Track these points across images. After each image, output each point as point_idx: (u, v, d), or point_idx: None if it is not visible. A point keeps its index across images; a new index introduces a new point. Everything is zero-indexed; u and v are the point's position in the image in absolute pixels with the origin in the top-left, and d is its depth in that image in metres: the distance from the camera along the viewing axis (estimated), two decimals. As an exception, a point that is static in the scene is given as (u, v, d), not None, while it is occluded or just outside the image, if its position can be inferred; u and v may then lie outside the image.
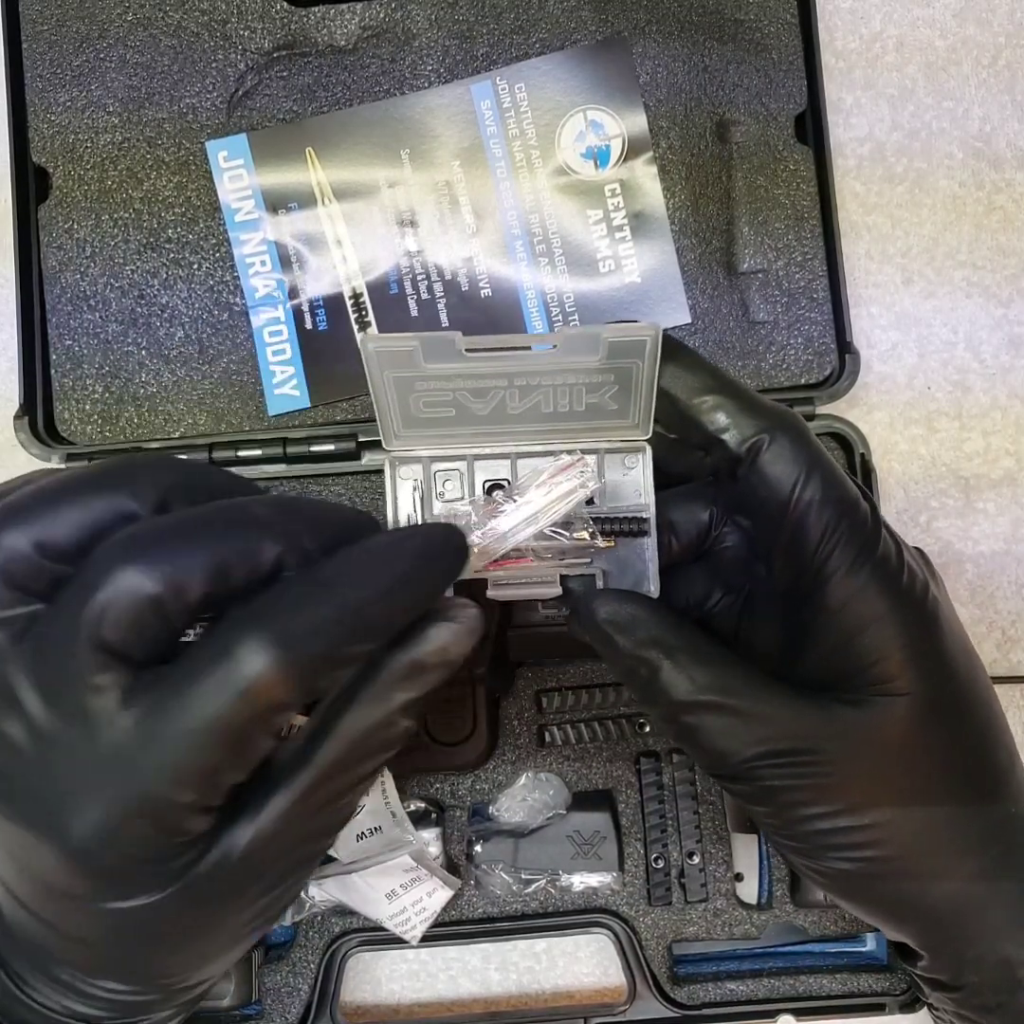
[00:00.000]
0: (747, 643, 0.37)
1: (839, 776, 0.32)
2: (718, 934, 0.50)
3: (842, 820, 0.33)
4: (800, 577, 0.33)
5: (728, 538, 0.37)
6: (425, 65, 0.52)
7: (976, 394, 0.56)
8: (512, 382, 0.33)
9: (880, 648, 0.32)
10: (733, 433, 0.33)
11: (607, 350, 0.32)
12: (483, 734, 0.49)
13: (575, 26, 0.52)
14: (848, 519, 0.33)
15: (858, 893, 0.35)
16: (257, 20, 0.52)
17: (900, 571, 0.33)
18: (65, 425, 0.52)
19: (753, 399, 0.34)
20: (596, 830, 0.50)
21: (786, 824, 0.34)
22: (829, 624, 0.33)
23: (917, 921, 0.35)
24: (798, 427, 0.34)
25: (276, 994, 0.49)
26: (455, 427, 0.34)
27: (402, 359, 0.32)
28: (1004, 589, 0.55)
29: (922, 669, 0.33)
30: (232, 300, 0.52)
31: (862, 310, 0.55)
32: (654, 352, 0.32)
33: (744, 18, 0.52)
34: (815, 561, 0.33)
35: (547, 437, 0.35)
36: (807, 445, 0.33)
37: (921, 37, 0.56)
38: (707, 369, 0.34)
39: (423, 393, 0.33)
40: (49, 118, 0.52)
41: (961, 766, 0.34)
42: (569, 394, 0.34)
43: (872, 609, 0.32)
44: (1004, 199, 0.56)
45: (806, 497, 0.32)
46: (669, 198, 0.53)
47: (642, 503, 0.35)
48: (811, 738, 0.32)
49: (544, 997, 0.53)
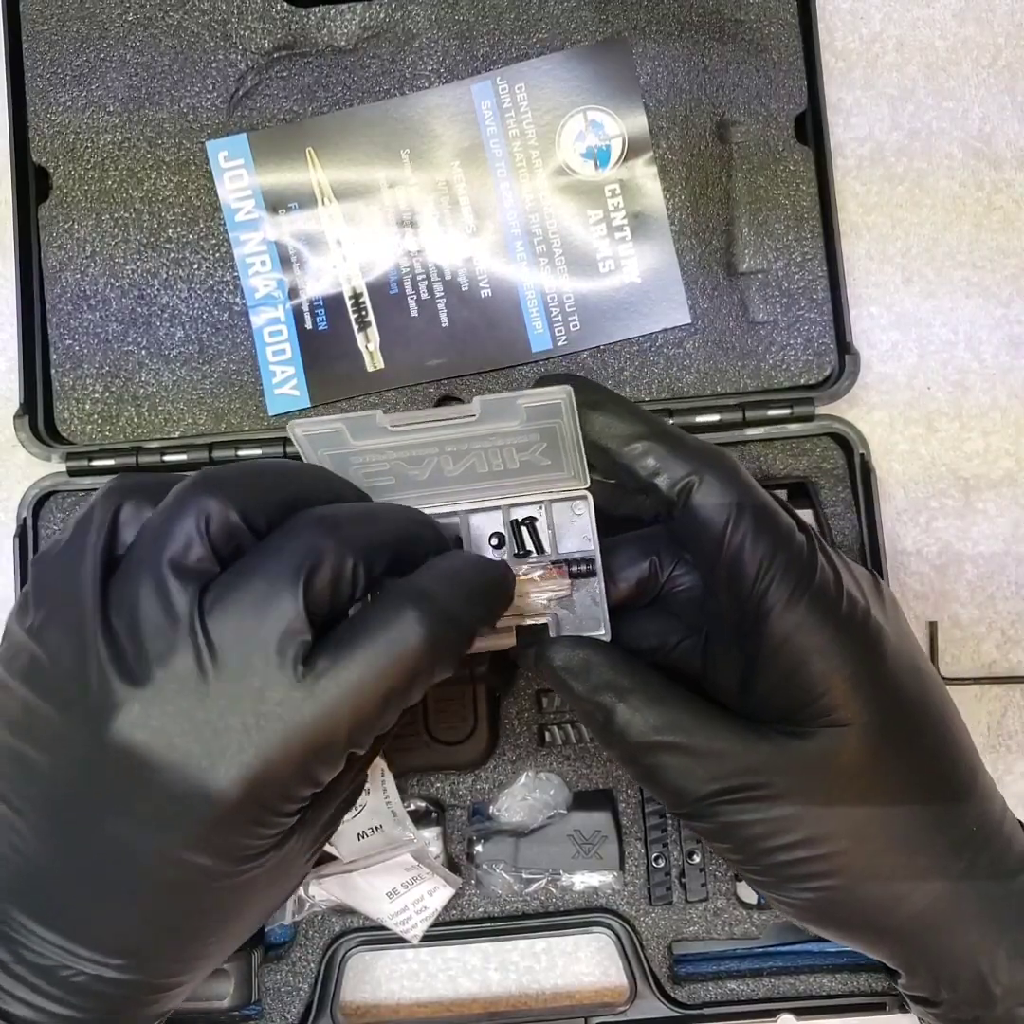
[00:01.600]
0: (712, 681, 0.37)
1: (791, 808, 0.33)
2: (718, 933, 0.50)
3: (800, 851, 0.33)
4: (742, 612, 0.34)
5: (682, 580, 0.38)
6: (425, 65, 0.52)
7: (976, 394, 0.56)
8: (443, 449, 0.34)
9: (823, 680, 0.33)
10: (664, 477, 0.34)
11: (525, 414, 0.33)
12: (483, 733, 0.49)
13: (575, 26, 0.52)
14: (783, 552, 0.33)
15: (826, 920, 0.36)
16: (257, 20, 0.52)
17: (839, 600, 0.33)
18: (65, 424, 0.52)
19: (681, 440, 0.35)
20: (597, 830, 0.50)
21: (748, 859, 0.34)
22: (773, 658, 0.33)
23: (887, 941, 0.36)
24: (726, 465, 0.34)
25: (276, 994, 0.49)
26: (397, 493, 0.35)
27: (331, 439, 0.33)
28: (1004, 589, 0.55)
29: (866, 697, 0.33)
30: (232, 300, 0.52)
31: (862, 310, 0.55)
32: (570, 411, 0.33)
33: (744, 18, 0.52)
34: (753, 597, 0.33)
35: (491, 494, 0.36)
36: (736, 483, 0.34)
37: (921, 37, 0.57)
38: (634, 415, 0.35)
39: (360, 466, 0.34)
40: (49, 118, 0.52)
41: (915, 787, 0.34)
42: (501, 454, 0.34)
43: (812, 641, 0.33)
44: (1004, 199, 0.56)
45: (738, 534, 0.33)
46: (669, 198, 0.53)
47: (589, 548, 0.36)
48: (763, 772, 0.33)
49: (544, 997, 0.53)
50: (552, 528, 0.37)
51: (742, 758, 0.33)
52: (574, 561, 0.36)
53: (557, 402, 0.32)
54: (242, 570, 0.29)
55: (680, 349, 0.53)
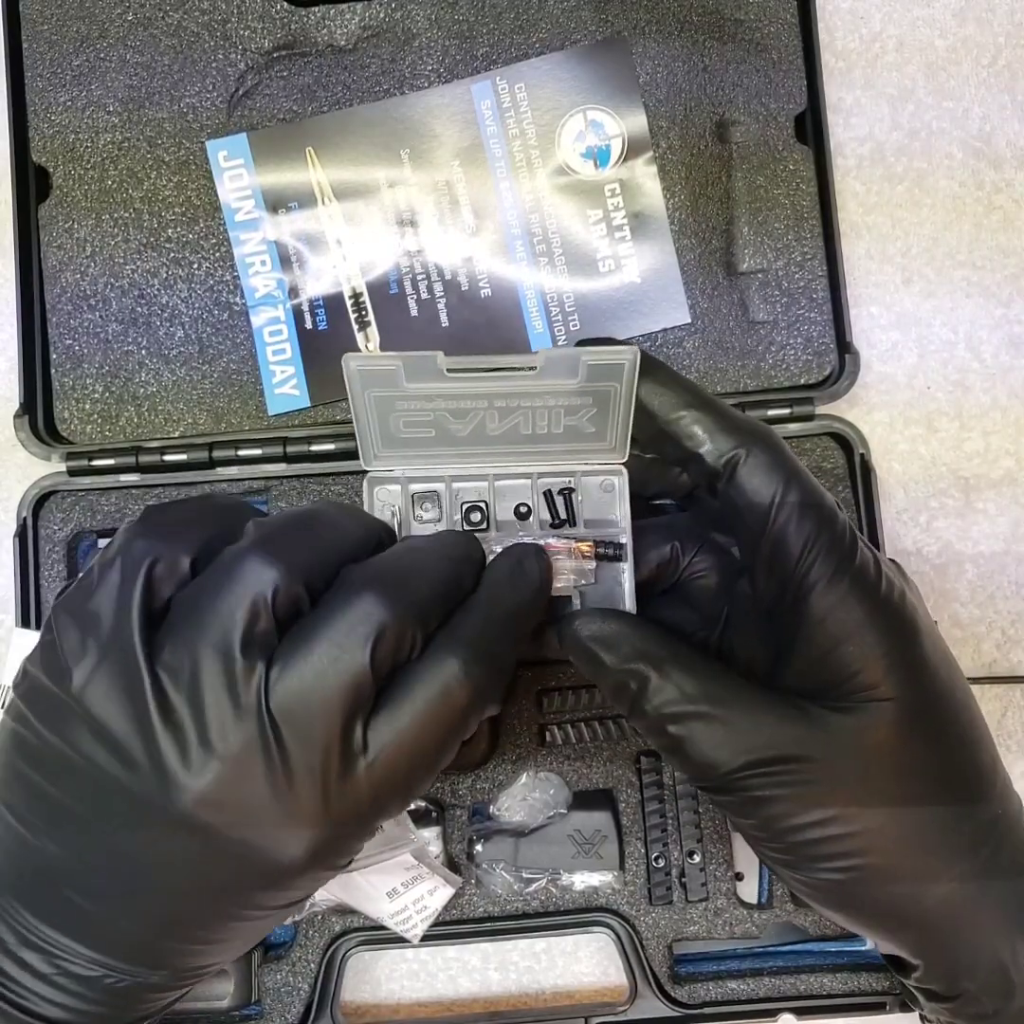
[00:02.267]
0: (729, 663, 0.37)
1: (827, 783, 0.33)
2: (719, 933, 0.50)
3: (831, 828, 0.33)
4: (783, 589, 0.33)
5: (701, 568, 0.38)
6: (425, 65, 0.52)
7: (976, 394, 0.56)
8: (492, 403, 0.34)
9: (863, 656, 0.33)
10: (710, 448, 0.34)
11: (586, 372, 0.32)
12: (484, 733, 0.49)
13: (575, 26, 0.52)
14: (827, 531, 0.33)
15: (849, 903, 0.35)
16: (257, 20, 0.52)
17: (879, 580, 0.34)
18: (65, 424, 0.52)
19: (730, 414, 0.35)
20: (597, 829, 0.50)
21: (774, 836, 0.34)
22: (812, 634, 0.33)
23: (910, 928, 0.35)
24: (775, 441, 0.34)
25: (276, 994, 0.49)
26: (434, 447, 0.35)
27: (384, 378, 0.33)
28: (1004, 589, 0.55)
29: (904, 674, 0.33)
30: (232, 300, 0.52)
31: (862, 310, 0.55)
32: (632, 374, 0.33)
33: (744, 18, 0.52)
34: (797, 573, 0.33)
35: (524, 459, 0.36)
36: (785, 458, 0.34)
37: (921, 37, 0.57)
38: (684, 385, 0.35)
39: (403, 413, 0.34)
40: (49, 118, 0.52)
41: (947, 769, 0.34)
42: (548, 416, 0.34)
43: (853, 618, 0.33)
44: (1004, 199, 0.56)
45: (785, 509, 0.33)
46: (669, 198, 0.53)
47: (614, 527, 0.36)
48: (798, 745, 0.32)
49: (544, 997, 0.53)
50: (580, 502, 0.36)
51: (777, 730, 0.33)
52: (603, 543, 0.35)
53: (621, 363, 0.32)
54: (307, 641, 0.28)
55: (680, 349, 0.53)
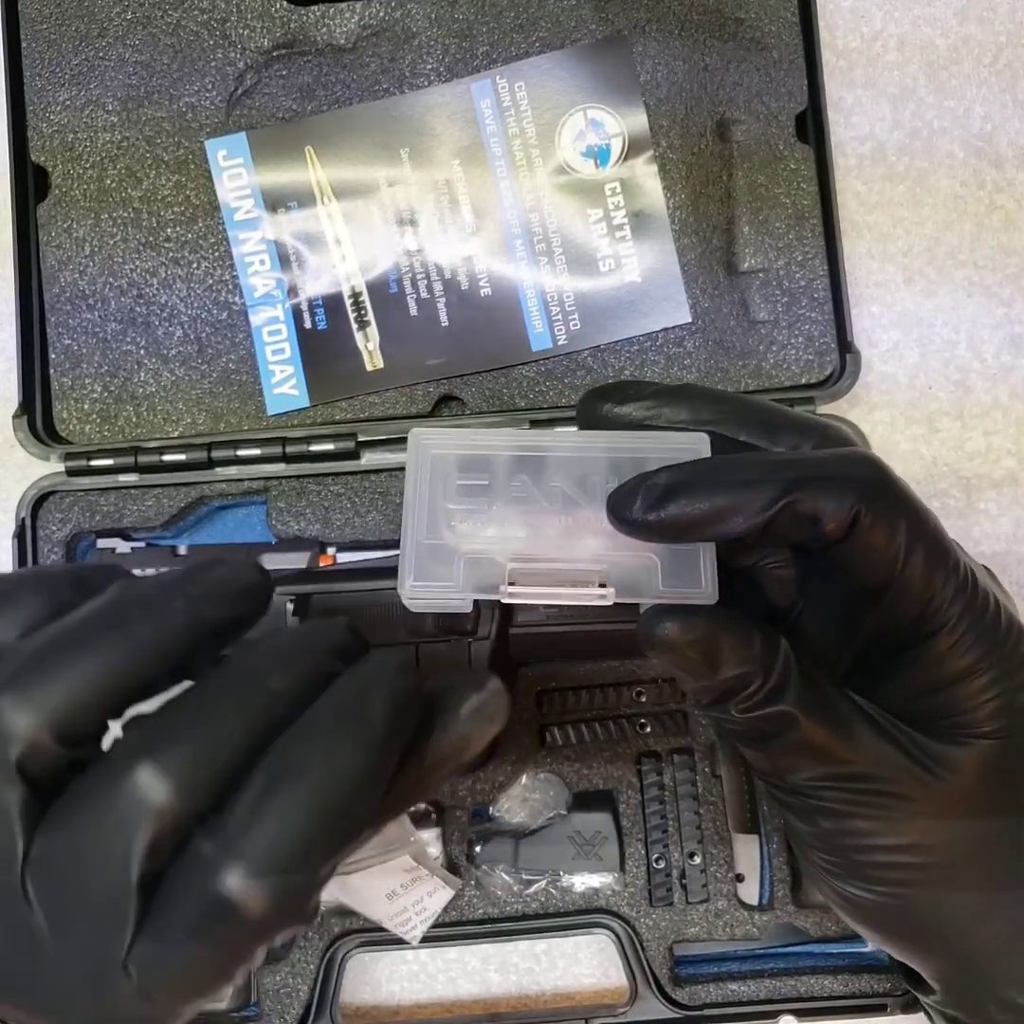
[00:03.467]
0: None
1: (910, 810, 0.32)
2: (719, 935, 0.49)
3: (902, 856, 0.32)
4: (897, 627, 0.32)
5: (777, 557, 0.35)
6: (425, 64, 0.52)
7: (977, 394, 0.55)
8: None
9: (974, 698, 0.32)
10: (827, 521, 0.30)
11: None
12: (483, 734, 0.49)
13: (575, 25, 0.52)
14: (954, 579, 0.31)
15: (892, 923, 0.35)
16: (256, 19, 0.52)
17: (997, 622, 0.32)
18: (64, 424, 0.52)
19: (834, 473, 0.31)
20: (597, 830, 0.50)
21: (835, 849, 0.33)
22: (926, 673, 0.32)
23: (950, 956, 0.35)
24: (892, 492, 0.31)
25: (275, 995, 0.49)
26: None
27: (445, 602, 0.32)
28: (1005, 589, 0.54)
29: (1009, 718, 0.32)
30: (231, 299, 0.52)
31: (863, 309, 0.55)
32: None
33: (744, 17, 0.52)
34: (919, 620, 0.32)
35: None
36: (904, 510, 0.31)
37: (922, 36, 0.56)
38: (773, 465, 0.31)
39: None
40: (48, 117, 0.52)
41: (1018, 815, 0.33)
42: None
43: (971, 662, 0.32)
44: (1005, 198, 0.56)
45: (911, 567, 0.31)
46: (669, 197, 0.53)
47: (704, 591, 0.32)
48: (887, 767, 0.32)
49: (544, 998, 0.52)
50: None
51: (867, 748, 0.32)
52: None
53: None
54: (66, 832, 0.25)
55: (680, 348, 0.53)
